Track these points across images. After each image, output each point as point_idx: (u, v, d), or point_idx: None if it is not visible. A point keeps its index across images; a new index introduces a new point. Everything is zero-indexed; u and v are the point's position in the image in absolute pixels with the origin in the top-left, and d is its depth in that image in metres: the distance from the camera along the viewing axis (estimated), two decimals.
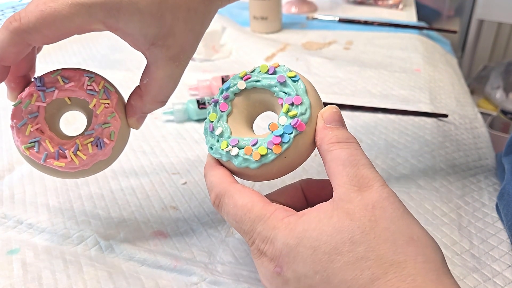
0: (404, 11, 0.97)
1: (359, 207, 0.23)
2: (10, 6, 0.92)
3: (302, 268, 0.23)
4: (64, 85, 0.30)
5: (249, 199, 0.26)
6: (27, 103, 0.30)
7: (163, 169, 0.45)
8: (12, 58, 0.28)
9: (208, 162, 0.30)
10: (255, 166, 0.28)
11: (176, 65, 0.30)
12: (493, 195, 0.41)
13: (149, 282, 0.33)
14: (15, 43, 0.27)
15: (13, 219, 0.39)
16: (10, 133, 0.51)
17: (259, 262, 0.26)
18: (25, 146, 0.30)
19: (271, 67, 0.29)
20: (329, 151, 0.26)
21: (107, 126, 0.30)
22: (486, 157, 0.47)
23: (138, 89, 0.32)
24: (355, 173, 0.24)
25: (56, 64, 0.69)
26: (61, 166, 0.30)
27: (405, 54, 0.73)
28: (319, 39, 0.80)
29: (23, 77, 0.31)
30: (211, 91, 0.59)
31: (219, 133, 0.29)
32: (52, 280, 0.33)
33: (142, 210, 0.40)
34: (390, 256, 0.22)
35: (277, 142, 0.27)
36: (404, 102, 0.58)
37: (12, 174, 0.45)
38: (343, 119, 0.28)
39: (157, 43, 0.29)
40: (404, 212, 0.24)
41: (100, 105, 0.30)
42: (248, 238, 0.26)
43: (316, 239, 0.23)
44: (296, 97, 0.28)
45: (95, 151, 0.30)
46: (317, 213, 0.24)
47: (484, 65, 1.42)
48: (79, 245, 0.36)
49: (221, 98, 0.30)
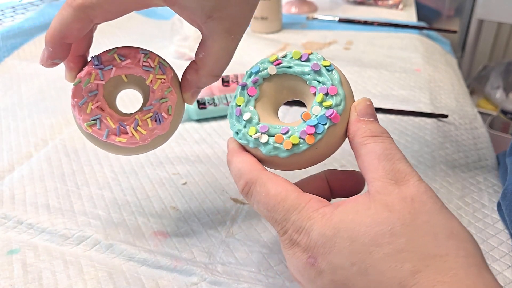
0: (404, 11, 0.97)
1: (398, 200, 0.23)
2: (10, 6, 0.92)
3: (339, 259, 0.23)
4: (121, 63, 0.31)
5: (282, 188, 0.26)
6: (86, 82, 0.30)
7: (163, 169, 0.45)
8: (75, 35, 0.28)
9: (233, 148, 0.29)
10: (285, 155, 0.27)
11: (232, 38, 0.30)
12: (493, 196, 0.41)
13: (149, 282, 0.33)
14: (78, 19, 0.27)
15: (13, 219, 0.39)
16: (12, 134, 0.51)
17: (290, 252, 0.25)
18: (87, 123, 0.30)
19: (304, 54, 0.29)
20: (363, 145, 0.26)
21: (164, 101, 0.31)
22: (486, 158, 0.47)
23: (193, 63, 0.32)
24: (391, 167, 0.24)
25: None
26: (122, 141, 0.30)
27: (405, 54, 0.73)
28: (319, 39, 0.80)
29: (81, 56, 0.32)
30: (211, 91, 0.59)
31: (248, 118, 0.28)
32: (53, 281, 0.33)
33: (142, 210, 0.40)
34: (432, 250, 0.21)
35: (311, 132, 0.26)
36: (404, 102, 0.58)
37: (12, 174, 0.45)
38: (375, 112, 0.27)
39: (213, 15, 0.28)
40: (442, 206, 0.23)
41: (156, 80, 0.31)
42: (280, 227, 0.26)
43: (354, 230, 0.23)
44: (332, 87, 0.27)
45: (154, 125, 0.31)
46: (354, 204, 0.24)
47: (484, 65, 1.42)
48: (79, 246, 0.36)
49: (250, 82, 0.30)
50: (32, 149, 0.49)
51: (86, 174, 0.44)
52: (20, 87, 0.63)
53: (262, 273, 0.33)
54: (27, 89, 0.62)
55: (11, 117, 0.55)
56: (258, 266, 0.34)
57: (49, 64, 0.29)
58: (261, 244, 0.36)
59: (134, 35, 0.80)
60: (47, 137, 0.51)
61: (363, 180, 0.30)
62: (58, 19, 0.28)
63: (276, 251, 0.35)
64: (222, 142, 0.50)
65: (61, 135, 0.51)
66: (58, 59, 0.29)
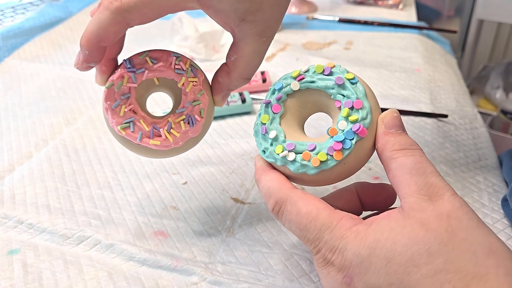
0: (404, 11, 0.97)
1: (433, 217, 0.22)
2: (10, 6, 0.92)
3: (375, 279, 0.22)
4: (153, 66, 0.31)
5: (313, 206, 0.25)
6: (119, 85, 0.30)
7: (164, 169, 0.45)
8: (111, 38, 0.28)
9: (261, 167, 0.29)
10: (314, 172, 0.27)
11: (264, 41, 0.30)
12: (493, 195, 0.41)
13: (149, 282, 0.33)
14: (116, 22, 0.27)
15: (13, 219, 0.39)
16: (12, 134, 0.51)
17: (325, 271, 0.25)
18: (120, 126, 0.30)
19: (327, 67, 0.28)
20: (393, 159, 0.25)
21: (197, 104, 0.31)
22: (486, 158, 0.47)
23: (225, 66, 0.32)
24: (424, 181, 0.24)
25: (57, 65, 0.69)
26: (156, 144, 0.30)
27: (405, 54, 0.73)
28: (319, 39, 0.80)
29: (113, 59, 0.32)
30: None
31: (273, 136, 0.28)
32: (53, 281, 0.33)
33: (142, 210, 0.40)
34: (471, 269, 0.21)
35: (338, 148, 0.26)
36: (404, 102, 0.58)
37: (12, 174, 0.45)
38: (403, 124, 0.27)
39: (247, 18, 0.29)
40: (479, 222, 0.23)
41: (188, 83, 0.31)
42: (313, 247, 0.25)
43: (390, 250, 0.22)
44: (357, 101, 0.26)
45: (187, 128, 0.31)
46: (387, 222, 0.23)
47: (484, 65, 1.42)
48: (79, 245, 0.36)
49: (274, 99, 0.29)
50: (33, 149, 0.49)
51: (86, 174, 0.44)
52: (20, 87, 0.63)
53: (262, 272, 0.33)
54: (27, 89, 0.62)
55: (11, 117, 0.55)
56: (258, 266, 0.34)
57: (84, 68, 0.29)
58: (261, 244, 0.36)
59: (134, 34, 0.80)
60: (47, 137, 0.51)
61: (395, 193, 0.30)
62: (95, 22, 0.28)
63: (276, 250, 0.35)
64: (222, 142, 0.50)
65: (61, 135, 0.51)
66: (94, 62, 0.29)
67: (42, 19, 0.83)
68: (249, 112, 0.56)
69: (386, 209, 0.30)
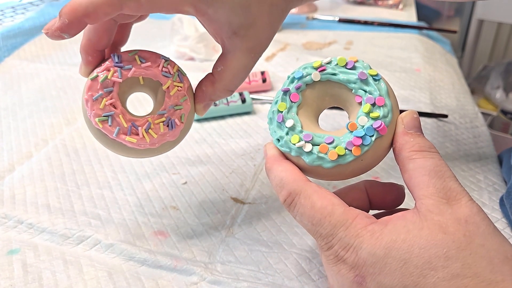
0: (404, 11, 0.97)
1: (451, 221, 0.22)
2: (10, 6, 0.92)
3: (389, 280, 0.22)
4: (141, 64, 0.31)
5: (328, 202, 0.25)
6: (104, 78, 0.30)
7: (163, 169, 0.45)
8: (98, 17, 0.27)
9: (273, 155, 0.28)
10: (329, 165, 0.26)
11: (252, 57, 0.31)
12: (493, 194, 0.41)
13: (149, 282, 0.33)
14: (110, 3, 0.27)
15: (13, 219, 0.39)
16: (12, 134, 0.51)
17: (335, 268, 0.25)
18: (98, 119, 0.30)
19: (350, 61, 0.28)
20: (411, 159, 0.25)
21: (179, 108, 0.31)
22: (487, 157, 0.47)
23: (210, 75, 0.32)
24: (442, 185, 0.24)
25: (57, 65, 0.69)
26: (132, 142, 0.30)
27: (405, 54, 0.73)
28: (319, 39, 0.80)
29: (100, 52, 0.31)
30: None
31: (291, 125, 0.28)
32: (53, 281, 0.33)
33: (142, 210, 0.40)
34: (487, 275, 0.21)
35: (358, 143, 0.26)
36: (405, 102, 0.58)
37: (12, 174, 0.45)
38: (421, 126, 0.27)
39: (239, 32, 0.29)
40: (495, 229, 0.23)
41: (173, 87, 0.31)
42: (324, 242, 0.25)
43: (407, 251, 0.22)
44: (379, 98, 0.26)
45: (166, 131, 0.31)
46: (404, 223, 0.23)
47: (484, 65, 1.41)
48: (79, 245, 0.36)
49: (293, 88, 0.29)
50: (33, 149, 0.49)
51: (86, 174, 0.44)
52: (20, 87, 0.63)
53: (262, 271, 0.33)
54: (27, 89, 0.62)
55: (11, 117, 0.55)
56: (257, 265, 0.34)
57: (56, 36, 0.27)
58: (260, 243, 0.36)
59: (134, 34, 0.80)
60: (47, 137, 0.51)
61: (404, 194, 0.30)
62: None
63: (276, 250, 0.35)
64: (222, 142, 0.50)
65: (61, 135, 0.51)
66: (68, 34, 0.27)
67: (42, 19, 0.83)
68: (249, 112, 0.56)
69: (393, 208, 0.30)
